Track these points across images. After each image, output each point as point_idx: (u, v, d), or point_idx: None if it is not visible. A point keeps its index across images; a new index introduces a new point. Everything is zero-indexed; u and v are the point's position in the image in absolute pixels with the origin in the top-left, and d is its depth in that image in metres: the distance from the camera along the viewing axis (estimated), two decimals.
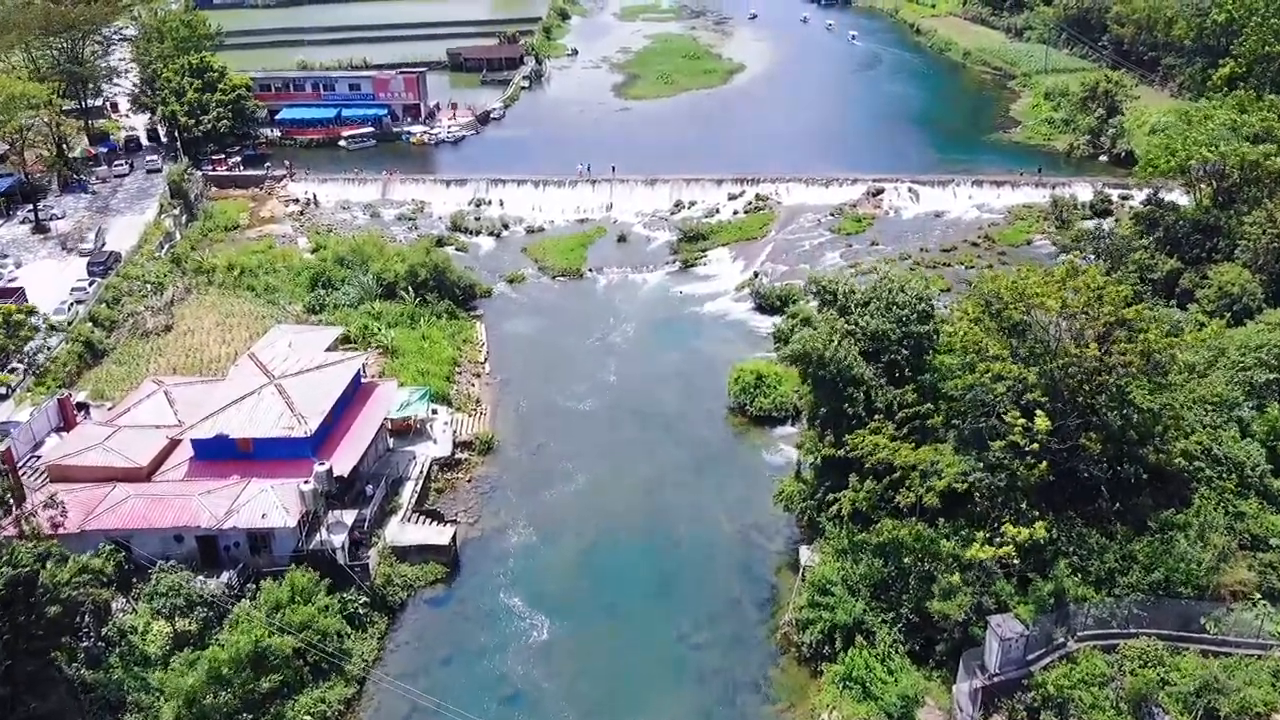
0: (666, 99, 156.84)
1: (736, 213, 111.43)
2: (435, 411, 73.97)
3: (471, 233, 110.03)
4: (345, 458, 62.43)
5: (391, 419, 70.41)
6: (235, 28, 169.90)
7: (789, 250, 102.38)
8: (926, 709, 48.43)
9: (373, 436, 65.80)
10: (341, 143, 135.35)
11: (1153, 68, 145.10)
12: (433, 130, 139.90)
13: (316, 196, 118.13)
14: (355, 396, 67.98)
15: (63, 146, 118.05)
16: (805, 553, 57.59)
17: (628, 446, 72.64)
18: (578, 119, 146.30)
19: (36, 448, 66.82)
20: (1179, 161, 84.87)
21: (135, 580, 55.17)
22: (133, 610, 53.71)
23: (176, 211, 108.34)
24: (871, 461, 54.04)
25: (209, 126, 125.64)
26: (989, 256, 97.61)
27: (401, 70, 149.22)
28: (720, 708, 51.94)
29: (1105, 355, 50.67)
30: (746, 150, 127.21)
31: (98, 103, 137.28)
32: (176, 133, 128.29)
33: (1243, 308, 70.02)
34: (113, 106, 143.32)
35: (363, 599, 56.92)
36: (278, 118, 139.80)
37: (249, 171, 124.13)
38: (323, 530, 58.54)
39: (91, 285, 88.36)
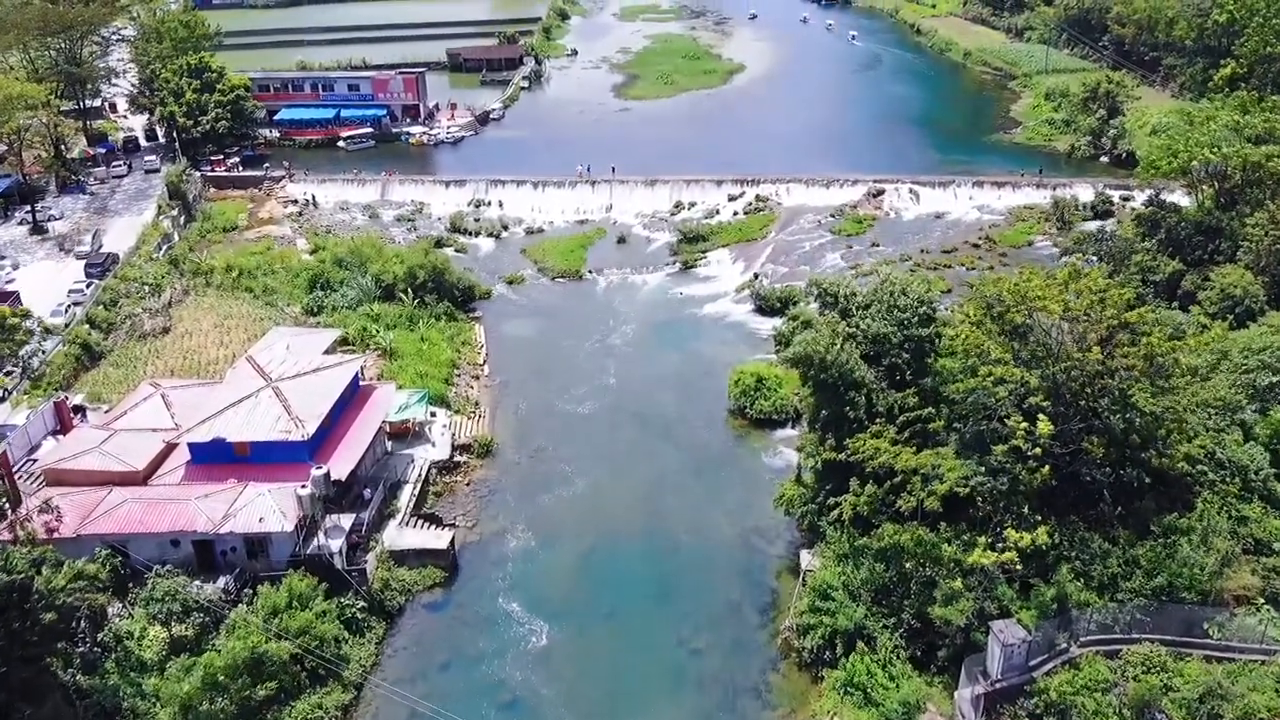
0: (666, 99, 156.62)
1: (736, 214, 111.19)
2: (434, 414, 73.63)
3: (471, 234, 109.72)
4: (343, 461, 62.12)
5: (390, 422, 70.11)
6: (234, 28, 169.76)
7: (789, 251, 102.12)
8: (928, 715, 48.14)
9: (371, 440, 65.47)
10: (340, 143, 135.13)
11: (1154, 68, 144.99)
12: (432, 131, 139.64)
13: (315, 197, 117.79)
14: (353, 399, 67.70)
15: (61, 147, 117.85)
16: (806, 557, 57.28)
17: (627, 449, 72.33)
18: (577, 119, 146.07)
19: (32, 451, 66.42)
20: (1180, 163, 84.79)
21: (131, 585, 54.88)
22: (129, 615, 53.40)
23: (175, 212, 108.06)
24: (872, 465, 53.73)
25: (207, 127, 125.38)
26: (990, 258, 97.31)
27: (401, 71, 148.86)
28: (720, 713, 51.65)
29: (1108, 359, 50.44)
30: (746, 151, 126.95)
31: (96, 103, 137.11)
32: (175, 133, 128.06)
33: (1245, 310, 69.89)
34: (111, 107, 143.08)
35: (360, 604, 56.60)
36: (276, 118, 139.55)
37: (247, 172, 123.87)
38: (320, 534, 58.23)
39: (89, 287, 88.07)
